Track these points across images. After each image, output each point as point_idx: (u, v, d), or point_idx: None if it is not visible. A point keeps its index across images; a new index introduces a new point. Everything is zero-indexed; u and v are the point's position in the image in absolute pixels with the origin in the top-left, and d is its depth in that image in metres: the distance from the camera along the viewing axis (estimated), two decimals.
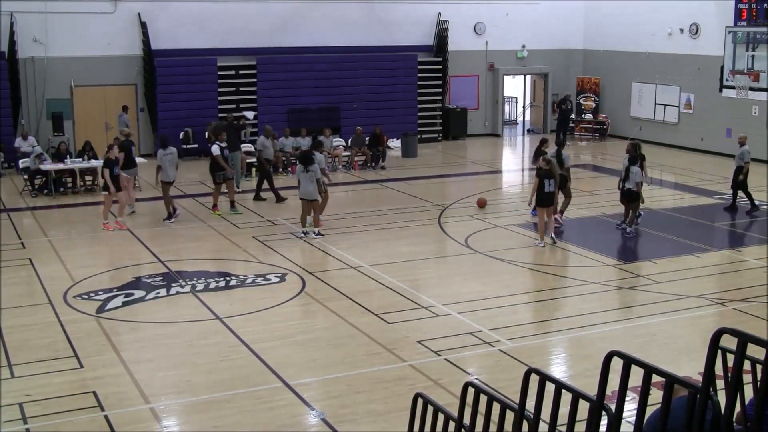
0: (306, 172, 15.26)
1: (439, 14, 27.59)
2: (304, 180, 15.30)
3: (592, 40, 29.78)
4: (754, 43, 21.66)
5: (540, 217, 15.08)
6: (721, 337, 3.56)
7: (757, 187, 19.78)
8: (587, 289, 12.71)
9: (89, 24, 23.64)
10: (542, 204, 14.86)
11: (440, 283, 13.06)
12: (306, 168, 15.28)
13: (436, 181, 21.65)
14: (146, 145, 24.65)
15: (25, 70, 23.19)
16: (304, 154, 15.86)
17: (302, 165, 15.41)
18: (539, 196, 14.84)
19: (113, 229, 16.23)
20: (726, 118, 24.56)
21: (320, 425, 8.14)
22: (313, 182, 15.30)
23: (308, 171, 15.26)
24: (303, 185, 15.35)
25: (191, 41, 24.65)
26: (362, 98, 26.16)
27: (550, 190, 14.75)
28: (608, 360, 3.90)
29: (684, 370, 8.68)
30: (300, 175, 15.41)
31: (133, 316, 11.42)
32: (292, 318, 11.36)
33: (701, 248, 14.88)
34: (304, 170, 15.28)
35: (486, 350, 10.12)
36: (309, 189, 15.32)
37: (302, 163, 15.48)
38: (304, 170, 15.29)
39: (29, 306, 11.81)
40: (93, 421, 8.23)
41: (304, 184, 15.32)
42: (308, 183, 15.29)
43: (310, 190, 15.33)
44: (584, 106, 29.43)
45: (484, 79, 29.17)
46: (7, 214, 17.47)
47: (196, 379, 9.25)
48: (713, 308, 11.69)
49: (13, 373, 9.39)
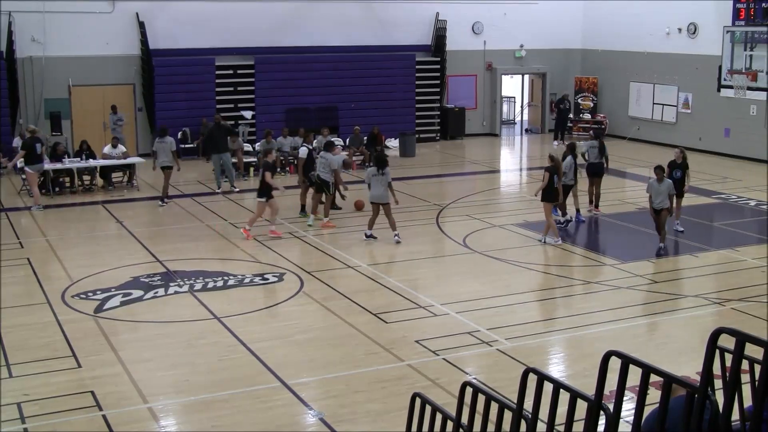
0: (379, 175, 14.80)
1: (437, 14, 27.59)
2: (376, 183, 14.85)
3: (590, 40, 29.79)
4: (752, 43, 21.67)
5: (548, 213, 15.13)
6: (719, 337, 3.57)
7: (756, 187, 19.83)
8: (585, 289, 12.74)
9: (87, 24, 23.61)
10: (550, 199, 15.01)
11: (438, 282, 13.06)
12: (381, 170, 14.82)
13: (434, 181, 21.64)
14: (145, 144, 24.64)
15: (23, 70, 23.17)
16: (379, 157, 15.33)
17: (376, 167, 14.98)
18: (547, 191, 14.97)
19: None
20: (724, 117, 24.58)
21: (318, 425, 8.14)
22: (384, 185, 14.82)
23: (383, 174, 14.79)
24: (374, 188, 14.90)
25: (189, 41, 24.63)
26: (360, 98, 26.16)
27: (556, 186, 15.02)
28: (606, 359, 3.90)
29: (682, 369, 8.68)
30: (372, 178, 14.96)
31: (131, 315, 11.41)
32: (291, 318, 11.35)
33: (700, 248, 14.89)
34: (378, 173, 14.83)
35: (484, 350, 10.12)
36: (381, 192, 14.87)
37: (376, 165, 15.01)
38: (377, 173, 14.84)
39: (27, 306, 11.80)
40: (91, 420, 8.22)
41: (375, 187, 14.87)
42: (380, 186, 14.84)
43: (382, 193, 14.89)
44: (582, 105, 29.44)
45: (482, 78, 29.18)
46: (5, 214, 17.45)
47: (194, 379, 9.25)
48: (711, 308, 11.70)
49: (11, 373, 9.38)
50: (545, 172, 15.08)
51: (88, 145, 20.42)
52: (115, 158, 20.26)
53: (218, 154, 19.69)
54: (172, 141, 18.78)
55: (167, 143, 18.46)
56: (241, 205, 18.53)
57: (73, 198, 19.42)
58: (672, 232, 15.36)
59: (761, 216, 17.32)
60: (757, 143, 23.24)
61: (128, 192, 20.02)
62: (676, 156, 15.74)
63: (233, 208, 18.31)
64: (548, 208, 15.09)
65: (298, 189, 17.65)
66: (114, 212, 17.79)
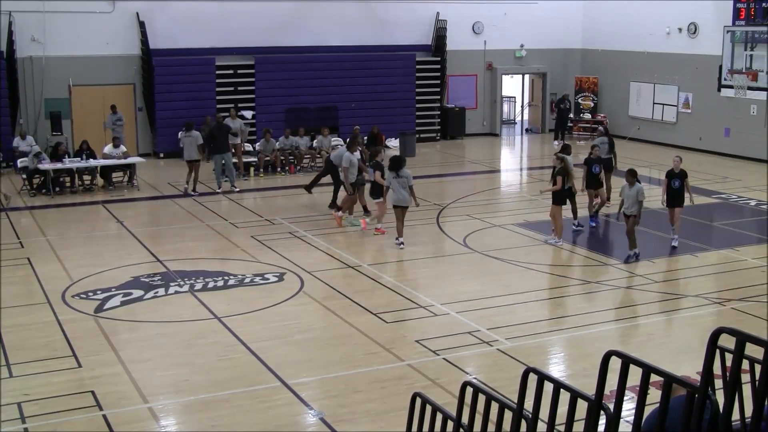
0: (398, 178, 14.49)
1: (438, 14, 27.58)
2: (397, 186, 14.52)
3: (590, 40, 29.79)
4: (752, 43, 21.68)
5: (558, 215, 15.06)
6: (719, 337, 3.56)
7: (756, 187, 19.82)
8: (585, 289, 12.73)
9: (87, 23, 23.60)
10: (561, 202, 14.98)
11: (438, 282, 13.06)
12: (398, 173, 14.49)
13: (434, 181, 21.64)
14: (145, 144, 24.64)
15: (24, 70, 23.16)
16: (396, 159, 14.84)
17: (394, 171, 14.54)
18: (559, 193, 14.91)
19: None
20: (724, 117, 24.58)
21: (318, 425, 8.14)
22: (406, 188, 14.52)
23: (400, 176, 14.47)
24: (396, 192, 14.55)
25: (189, 41, 24.63)
26: (360, 98, 26.14)
27: (567, 187, 14.98)
28: (606, 359, 3.90)
29: (682, 369, 8.68)
30: (391, 181, 14.60)
31: (131, 315, 11.41)
32: (291, 317, 11.35)
33: (700, 248, 14.89)
34: (396, 176, 14.50)
35: (484, 350, 10.12)
36: (402, 195, 14.56)
37: (393, 168, 14.57)
38: (396, 176, 14.51)
39: (27, 305, 11.80)
40: (91, 420, 8.22)
41: (397, 190, 14.54)
42: (401, 189, 14.53)
43: (403, 197, 14.59)
44: (582, 105, 29.44)
45: (482, 78, 29.17)
46: (5, 214, 17.45)
47: (194, 379, 9.25)
48: (712, 308, 11.69)
49: (12, 373, 9.38)
50: (557, 176, 14.93)
51: (89, 145, 20.43)
52: (115, 158, 20.27)
53: (220, 154, 19.70)
54: (198, 135, 19.77)
55: (194, 137, 19.54)
56: (241, 205, 18.53)
57: (74, 198, 19.41)
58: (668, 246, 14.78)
59: (761, 216, 17.32)
60: (757, 143, 23.24)
61: (128, 192, 20.02)
62: (675, 164, 14.64)
63: (233, 208, 18.32)
64: (558, 210, 15.01)
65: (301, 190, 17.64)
66: (114, 212, 17.79)
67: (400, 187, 14.57)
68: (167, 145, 24.16)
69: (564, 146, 16.76)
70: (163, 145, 24.30)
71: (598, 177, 16.39)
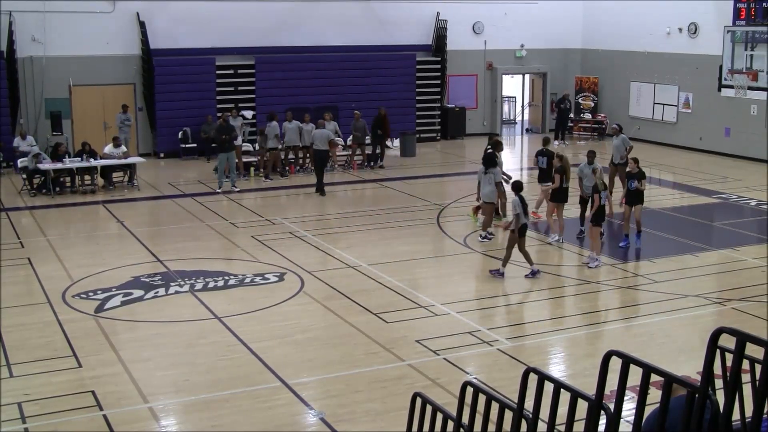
0: (487, 174, 15.03)
1: (438, 14, 27.58)
2: (485, 182, 15.10)
3: (590, 40, 29.78)
4: (752, 43, 21.67)
5: (559, 213, 15.28)
6: (719, 337, 3.57)
7: (756, 187, 19.81)
8: (586, 289, 12.73)
9: (88, 23, 23.59)
10: (560, 199, 15.19)
11: (439, 282, 13.06)
12: (486, 170, 15.06)
13: (434, 181, 21.64)
14: (145, 144, 24.64)
15: (24, 70, 23.15)
16: (487, 157, 15.49)
17: (483, 167, 15.19)
18: (557, 192, 15.11)
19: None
20: (724, 117, 24.57)
21: (319, 424, 8.14)
22: (492, 184, 15.03)
23: (488, 173, 15.02)
24: (483, 186, 15.15)
25: (190, 41, 24.62)
26: (360, 98, 26.08)
27: (566, 186, 15.14)
28: (607, 359, 3.91)
29: (683, 369, 8.68)
30: (482, 176, 15.19)
31: (131, 315, 11.41)
32: (291, 317, 11.35)
33: (700, 247, 14.89)
34: (485, 172, 15.08)
35: (484, 349, 10.12)
36: (487, 191, 15.08)
37: (484, 164, 15.22)
38: (484, 172, 15.10)
39: (28, 305, 11.80)
40: (91, 420, 8.22)
41: (484, 185, 15.13)
42: (487, 185, 15.06)
43: (488, 192, 15.10)
44: (583, 105, 29.43)
45: (482, 78, 29.16)
46: (5, 214, 17.46)
47: (194, 379, 9.25)
48: (712, 307, 11.70)
49: (12, 373, 9.39)
50: (555, 174, 15.14)
51: (90, 147, 20.41)
52: (115, 158, 20.26)
53: (225, 153, 19.70)
54: (276, 126, 21.19)
55: (273, 128, 21.15)
56: (241, 205, 18.53)
57: (74, 198, 19.41)
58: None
59: (761, 216, 17.32)
60: (757, 143, 23.24)
61: (129, 192, 20.02)
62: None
63: (234, 208, 18.31)
64: (560, 208, 15.23)
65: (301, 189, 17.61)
66: (114, 212, 17.79)
67: (487, 183, 15.09)
68: (167, 145, 24.17)
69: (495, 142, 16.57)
70: (163, 145, 24.30)
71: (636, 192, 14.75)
